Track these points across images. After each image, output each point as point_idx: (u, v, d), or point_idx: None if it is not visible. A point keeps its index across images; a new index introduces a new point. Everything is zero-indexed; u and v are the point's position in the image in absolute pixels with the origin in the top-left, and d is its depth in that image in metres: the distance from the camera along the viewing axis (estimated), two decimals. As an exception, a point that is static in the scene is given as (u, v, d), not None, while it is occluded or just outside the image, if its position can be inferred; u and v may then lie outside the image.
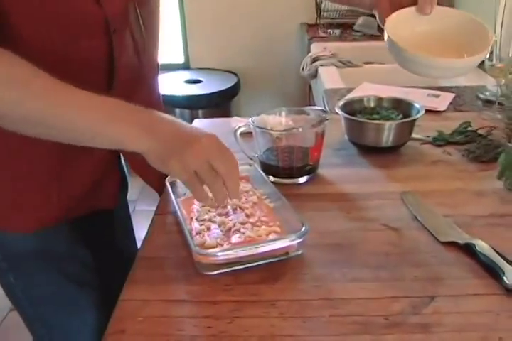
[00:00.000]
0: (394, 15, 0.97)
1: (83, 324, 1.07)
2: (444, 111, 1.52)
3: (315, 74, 2.26)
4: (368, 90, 1.72)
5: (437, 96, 1.66)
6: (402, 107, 1.27)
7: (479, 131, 1.30)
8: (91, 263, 1.08)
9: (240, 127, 1.12)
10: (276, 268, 0.83)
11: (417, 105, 1.25)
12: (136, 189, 2.99)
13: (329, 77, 2.02)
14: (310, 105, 2.30)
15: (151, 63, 1.08)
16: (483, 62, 1.50)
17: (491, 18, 1.66)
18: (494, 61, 1.45)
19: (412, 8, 0.98)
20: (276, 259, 0.84)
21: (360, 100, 1.31)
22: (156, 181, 1.07)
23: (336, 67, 2.17)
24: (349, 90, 1.76)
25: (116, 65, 0.94)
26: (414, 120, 1.21)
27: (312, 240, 0.88)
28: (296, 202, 0.99)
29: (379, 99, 1.30)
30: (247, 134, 1.12)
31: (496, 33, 1.57)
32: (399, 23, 0.96)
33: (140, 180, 1.10)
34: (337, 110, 1.24)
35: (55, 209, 1.00)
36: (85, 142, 0.80)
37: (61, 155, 0.96)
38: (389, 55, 2.14)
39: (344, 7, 2.99)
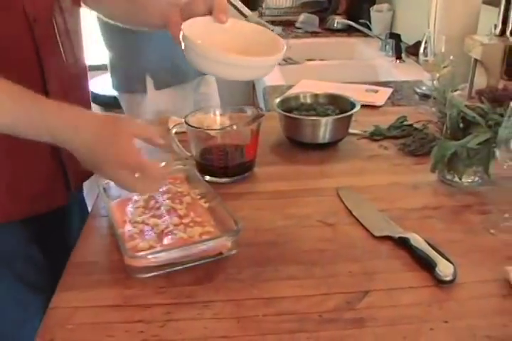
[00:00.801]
0: (190, 21, 0.94)
1: (34, 331, 1.03)
2: (382, 106, 1.55)
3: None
4: (307, 87, 1.72)
5: (376, 91, 1.68)
6: (338, 103, 1.28)
7: (415, 125, 1.32)
8: (44, 264, 1.06)
9: (174, 127, 1.10)
10: (210, 269, 0.82)
11: (353, 100, 1.26)
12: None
13: (270, 75, 2.01)
14: (254, 103, 2.30)
15: (78, 61, 1.07)
16: (418, 57, 1.52)
17: (425, 16, 1.70)
18: (429, 56, 1.48)
19: (208, 17, 0.96)
20: (211, 259, 0.83)
21: (297, 97, 1.31)
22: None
23: (277, 64, 2.17)
24: (289, 87, 1.77)
25: (43, 58, 0.93)
26: (351, 115, 1.22)
27: (247, 239, 0.88)
28: (232, 200, 0.99)
29: (315, 96, 1.31)
30: (184, 134, 1.11)
31: (430, 30, 1.61)
32: (195, 29, 0.92)
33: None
34: (274, 107, 1.24)
35: (5, 205, 0.98)
36: (18, 134, 0.80)
37: (9, 147, 0.93)
38: (330, 51, 2.17)
39: (286, 4, 3.01)
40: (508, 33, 1.39)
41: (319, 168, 1.15)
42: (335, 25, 2.52)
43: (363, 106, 1.45)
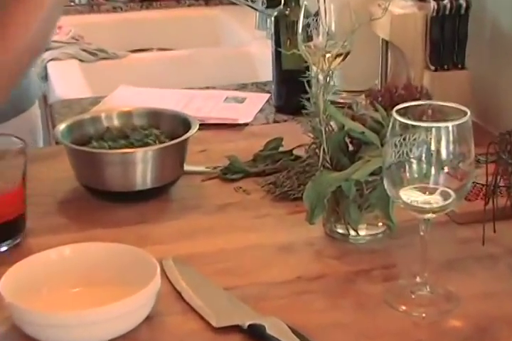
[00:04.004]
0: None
1: None
2: (249, 123, 1.76)
3: (45, 76, 2.39)
4: (126, 99, 1.89)
5: (241, 100, 1.88)
6: (165, 124, 1.47)
7: (295, 152, 1.52)
8: None
9: None
10: None
11: (187, 118, 1.46)
12: None
13: (64, 81, 2.17)
14: (48, 126, 2.42)
15: None
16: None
17: None
18: (314, 39, 1.72)
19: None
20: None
21: (96, 118, 1.50)
22: None
23: (80, 60, 2.33)
24: (96, 101, 1.94)
25: None
26: (185, 143, 1.42)
27: None
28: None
29: (127, 114, 1.50)
30: None
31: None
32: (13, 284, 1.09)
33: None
34: (57, 137, 1.42)
35: None
36: None
37: None
38: (177, 34, 2.45)
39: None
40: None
41: (137, 231, 1.33)
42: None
43: (217, 125, 1.66)
